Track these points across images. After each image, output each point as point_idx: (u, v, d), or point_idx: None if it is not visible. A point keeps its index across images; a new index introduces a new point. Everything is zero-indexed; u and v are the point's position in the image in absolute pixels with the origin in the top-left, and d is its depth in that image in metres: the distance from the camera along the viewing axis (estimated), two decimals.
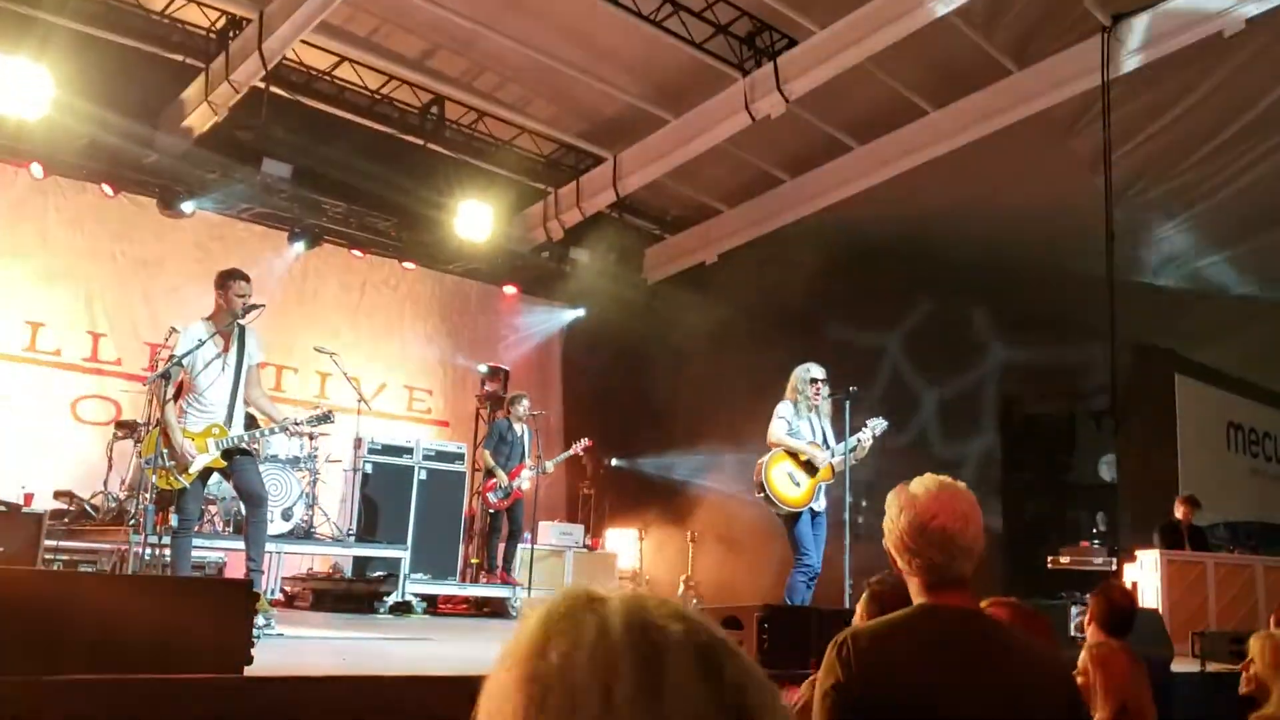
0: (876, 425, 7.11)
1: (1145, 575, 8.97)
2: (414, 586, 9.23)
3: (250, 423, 6.49)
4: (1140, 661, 3.74)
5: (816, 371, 7.17)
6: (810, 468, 6.92)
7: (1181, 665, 6.50)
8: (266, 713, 3.48)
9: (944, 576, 2.14)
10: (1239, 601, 8.89)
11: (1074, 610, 7.24)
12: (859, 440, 7.01)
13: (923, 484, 2.21)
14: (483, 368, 12.11)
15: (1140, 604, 8.72)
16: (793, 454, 6.94)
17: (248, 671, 3.63)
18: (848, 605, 6.75)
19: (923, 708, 1.98)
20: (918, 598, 2.18)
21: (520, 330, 13.50)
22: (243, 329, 6.21)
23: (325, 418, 6.66)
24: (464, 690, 3.39)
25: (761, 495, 6.86)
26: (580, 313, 13.50)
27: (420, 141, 11.32)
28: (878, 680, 2.00)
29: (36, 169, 9.86)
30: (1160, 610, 8.23)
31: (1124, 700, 3.51)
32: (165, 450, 5.96)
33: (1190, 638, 7.28)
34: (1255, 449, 12.00)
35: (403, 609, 8.98)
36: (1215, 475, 11.02)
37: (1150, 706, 3.59)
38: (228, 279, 6.15)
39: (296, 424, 6.71)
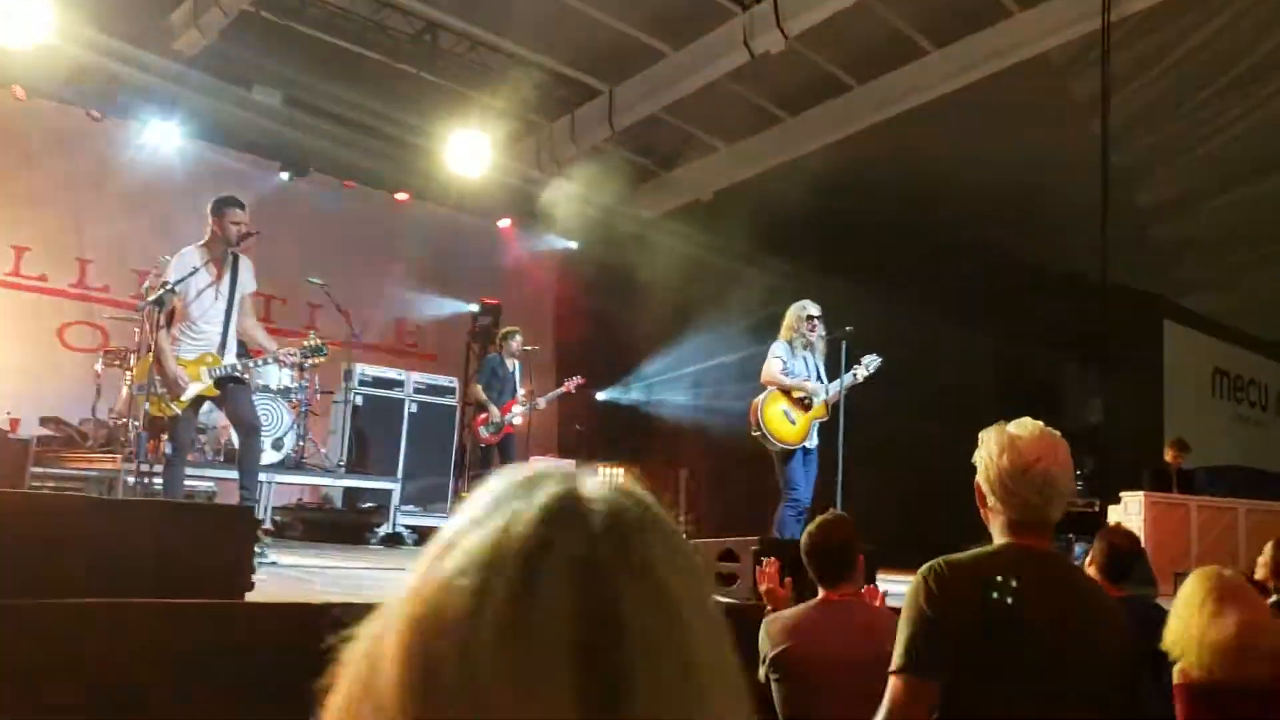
0: (871, 362, 7.11)
1: (1130, 517, 9.07)
2: (404, 518, 9.26)
3: (243, 352, 6.45)
4: None
5: (812, 309, 7.15)
6: (805, 405, 6.93)
7: (1164, 604, 6.57)
8: (269, 638, 3.49)
9: (1034, 519, 2.21)
10: (1221, 543, 9.03)
11: (1078, 549, 7.32)
12: (854, 375, 7.03)
13: (1024, 427, 2.26)
14: (475, 305, 12.03)
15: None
16: (787, 392, 6.96)
17: (249, 598, 3.64)
18: None
19: (1004, 638, 2.07)
20: (1000, 537, 2.24)
21: (512, 264, 13.42)
22: (236, 257, 6.15)
23: (318, 349, 6.61)
24: None
25: (757, 433, 6.89)
26: (574, 247, 13.41)
27: (413, 70, 11.13)
28: (969, 606, 2.10)
29: (19, 91, 9.69)
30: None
31: None
32: (158, 377, 5.92)
33: (1173, 577, 7.37)
34: (1240, 395, 12.09)
35: (394, 540, 9.02)
36: (1200, 420, 11.10)
37: None
38: (223, 206, 6.06)
39: (289, 354, 6.67)
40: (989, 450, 2.26)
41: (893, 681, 2.15)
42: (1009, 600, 2.09)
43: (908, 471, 10.36)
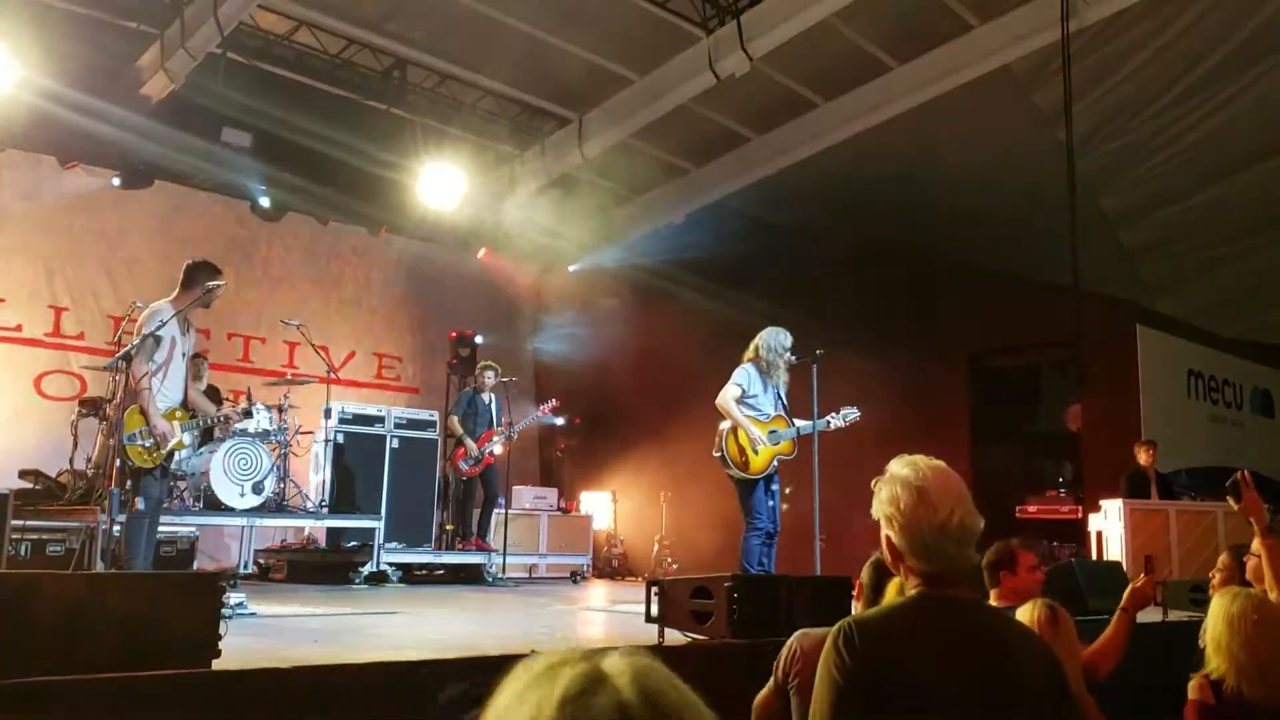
0: (848, 414, 7.06)
1: (1110, 524, 9.11)
2: (389, 556, 9.26)
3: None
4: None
5: (787, 338, 7.10)
6: (772, 436, 6.91)
7: (1144, 615, 6.57)
8: (235, 706, 3.50)
9: (952, 568, 2.10)
10: (1200, 548, 9.04)
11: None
12: (828, 423, 6.99)
13: (920, 474, 2.14)
14: (453, 336, 12.03)
15: (1105, 554, 8.90)
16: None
17: (216, 665, 3.65)
18: (817, 569, 6.84)
19: (924, 698, 1.98)
20: (914, 587, 2.14)
21: (490, 293, 13.46)
22: (188, 320, 6.23)
23: (246, 413, 7.46)
24: (429, 671, 3.37)
25: (718, 454, 6.90)
26: (549, 274, 13.46)
27: (383, 106, 11.19)
28: (881, 669, 2.00)
29: None
30: (1124, 559, 8.36)
31: None
32: (144, 428, 5.92)
33: (1155, 586, 7.36)
34: (1215, 395, 12.10)
35: (378, 579, 9.02)
36: (1176, 422, 11.12)
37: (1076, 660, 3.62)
38: (201, 274, 6.10)
39: (219, 420, 7.24)
40: (897, 505, 2.14)
41: None
42: (922, 660, 2.01)
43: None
